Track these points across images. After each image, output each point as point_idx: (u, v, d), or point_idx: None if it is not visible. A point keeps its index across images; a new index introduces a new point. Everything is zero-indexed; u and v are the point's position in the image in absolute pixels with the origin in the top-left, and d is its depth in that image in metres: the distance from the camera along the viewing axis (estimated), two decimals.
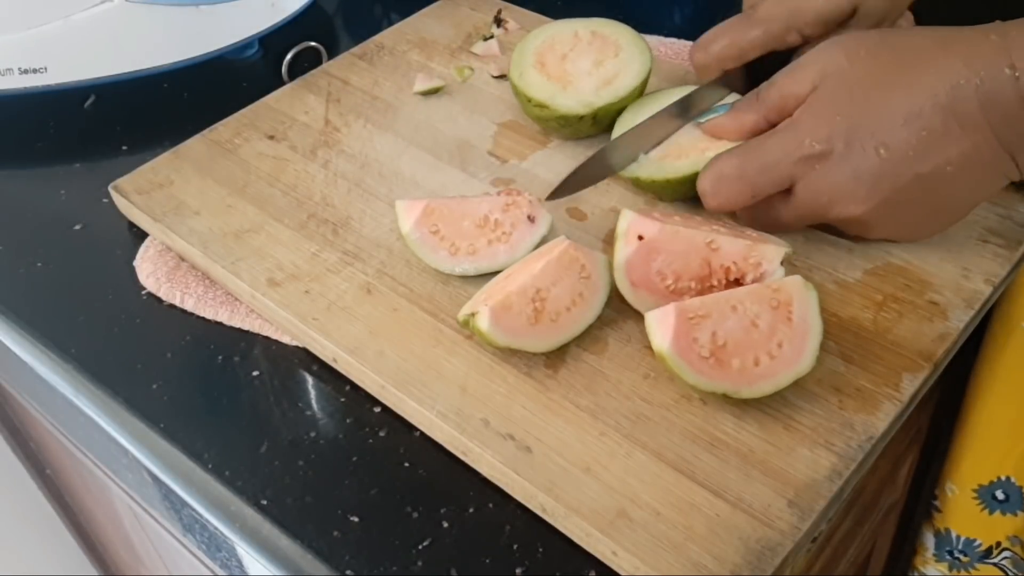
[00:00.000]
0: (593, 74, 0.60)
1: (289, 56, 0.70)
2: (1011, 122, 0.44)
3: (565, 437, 0.45)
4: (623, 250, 0.49)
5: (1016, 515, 0.67)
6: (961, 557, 0.71)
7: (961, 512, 0.69)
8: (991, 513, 0.68)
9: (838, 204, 0.48)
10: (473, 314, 0.47)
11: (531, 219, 0.53)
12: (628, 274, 0.49)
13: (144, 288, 0.56)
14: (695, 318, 0.45)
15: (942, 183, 0.46)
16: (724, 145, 0.53)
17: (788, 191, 0.49)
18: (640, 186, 0.56)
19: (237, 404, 0.50)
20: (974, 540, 0.70)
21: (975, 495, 0.68)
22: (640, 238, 0.49)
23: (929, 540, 0.73)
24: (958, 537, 0.70)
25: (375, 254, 0.54)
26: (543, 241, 0.52)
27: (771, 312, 0.45)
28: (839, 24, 0.54)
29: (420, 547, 0.43)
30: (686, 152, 0.55)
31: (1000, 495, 0.67)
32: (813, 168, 0.47)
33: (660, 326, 0.45)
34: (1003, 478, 0.66)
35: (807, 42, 0.55)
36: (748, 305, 0.46)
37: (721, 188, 0.50)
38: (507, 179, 0.58)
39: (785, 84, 0.49)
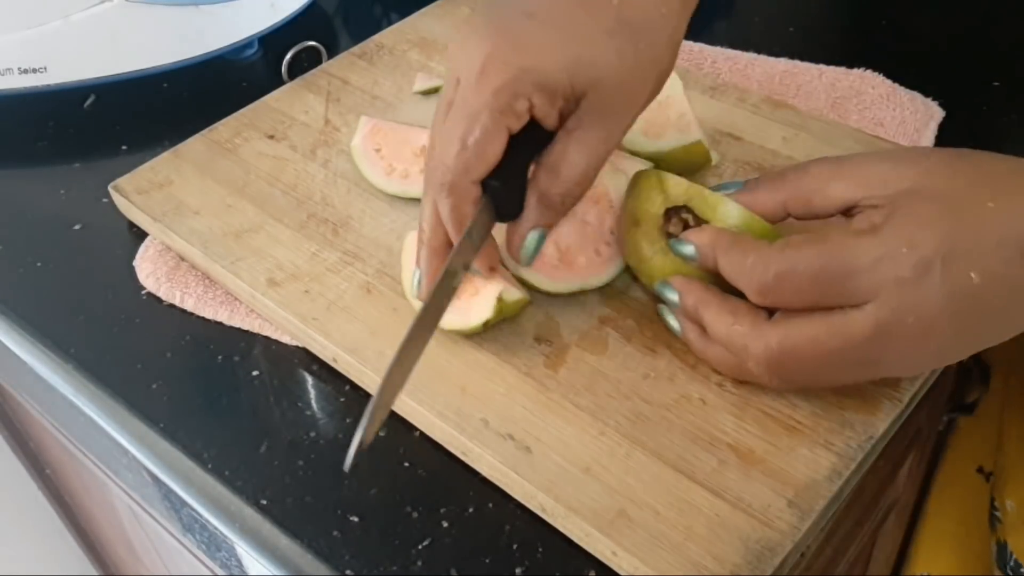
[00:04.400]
0: None
1: (289, 56, 0.70)
2: None
3: (565, 437, 0.44)
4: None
5: None
6: None
7: (1016, 533, 0.64)
8: None
9: (918, 325, 0.39)
10: (500, 298, 0.47)
11: None
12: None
13: (144, 288, 0.56)
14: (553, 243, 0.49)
15: (1000, 318, 0.41)
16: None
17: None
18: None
19: (237, 404, 0.50)
20: (1022, 567, 0.64)
21: None
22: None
23: (992, 545, 0.69)
24: (1011, 554, 0.65)
25: (375, 254, 0.54)
26: None
27: (595, 207, 0.51)
28: (564, 102, 0.43)
29: (420, 547, 0.43)
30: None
31: None
32: (905, 283, 0.39)
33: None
34: None
35: (534, 114, 0.43)
36: (575, 208, 0.48)
37: (785, 284, 0.41)
38: None
39: (824, 176, 0.43)
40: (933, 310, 0.39)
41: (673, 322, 0.47)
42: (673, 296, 0.46)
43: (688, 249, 0.45)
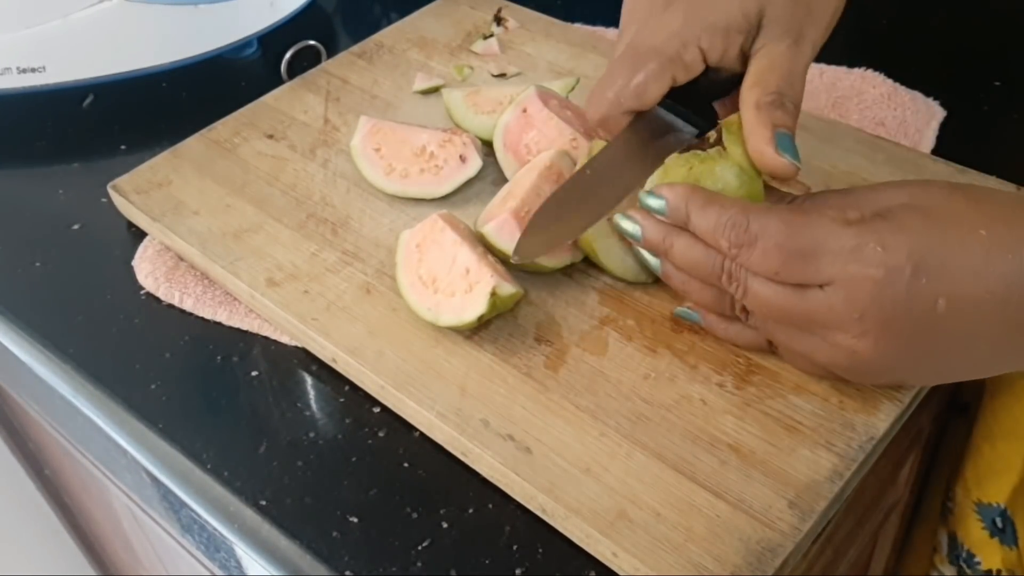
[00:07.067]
0: None
1: (288, 55, 0.70)
2: None
3: (565, 438, 0.44)
4: (508, 114, 0.56)
5: (1011, 548, 0.64)
6: (965, 568, 0.69)
7: (965, 523, 0.67)
8: (991, 536, 0.65)
9: (875, 326, 0.40)
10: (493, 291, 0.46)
11: (462, 159, 0.56)
12: (504, 135, 0.56)
13: (143, 288, 0.56)
14: (524, 214, 0.50)
15: (965, 350, 0.41)
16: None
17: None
18: None
19: (236, 404, 0.50)
20: (975, 556, 0.67)
21: (976, 510, 0.65)
22: (524, 111, 0.56)
23: (943, 538, 0.72)
24: (962, 545, 0.68)
25: (374, 254, 0.54)
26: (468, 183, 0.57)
27: (556, 185, 0.51)
28: (743, 35, 0.46)
29: (420, 547, 0.43)
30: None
31: (999, 523, 0.64)
32: (867, 279, 0.39)
33: (505, 233, 0.49)
34: (999, 505, 0.63)
35: (707, 60, 0.47)
36: (543, 187, 0.51)
37: (757, 245, 0.41)
38: (506, 179, 0.58)
39: (839, 206, 0.42)
40: (893, 318, 0.39)
41: (650, 258, 0.46)
42: (658, 203, 0.44)
43: (657, 202, 0.44)
